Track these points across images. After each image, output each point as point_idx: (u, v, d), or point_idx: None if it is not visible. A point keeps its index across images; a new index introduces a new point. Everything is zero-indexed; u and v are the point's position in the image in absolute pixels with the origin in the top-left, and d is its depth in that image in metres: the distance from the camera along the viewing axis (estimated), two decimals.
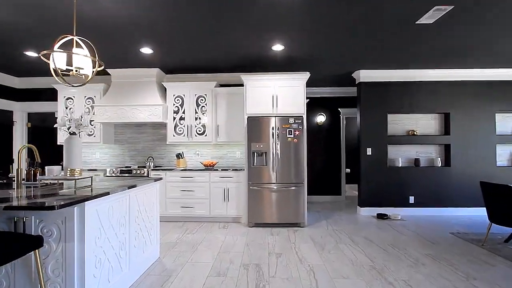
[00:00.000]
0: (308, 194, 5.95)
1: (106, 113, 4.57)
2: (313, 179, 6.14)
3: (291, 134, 4.16)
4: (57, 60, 2.16)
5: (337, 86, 6.03)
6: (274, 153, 4.15)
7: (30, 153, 5.45)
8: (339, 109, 6.22)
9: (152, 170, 4.46)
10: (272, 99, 4.29)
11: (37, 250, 1.61)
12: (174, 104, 4.75)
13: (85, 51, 2.28)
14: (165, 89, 4.87)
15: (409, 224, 4.22)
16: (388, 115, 5.01)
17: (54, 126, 2.33)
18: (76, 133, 2.29)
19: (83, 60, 2.23)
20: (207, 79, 5.01)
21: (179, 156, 4.85)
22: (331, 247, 3.25)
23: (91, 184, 2.37)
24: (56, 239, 1.75)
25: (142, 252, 2.63)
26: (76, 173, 2.20)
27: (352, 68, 4.69)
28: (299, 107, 4.27)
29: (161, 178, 3.03)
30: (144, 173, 4.48)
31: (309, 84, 5.64)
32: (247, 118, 4.21)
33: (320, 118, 6.19)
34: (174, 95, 4.75)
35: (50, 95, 5.18)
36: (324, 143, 6.23)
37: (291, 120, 4.17)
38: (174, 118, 4.75)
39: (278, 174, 4.14)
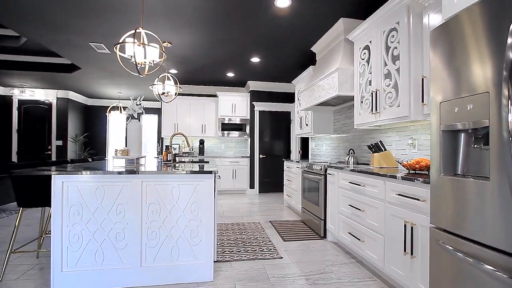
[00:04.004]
0: None
1: (303, 99, 4.01)
2: None
3: None
4: None
5: None
6: None
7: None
8: None
9: (330, 167, 3.10)
10: None
11: None
12: (360, 63, 2.90)
13: None
14: (353, 45, 3.12)
15: None
16: None
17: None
18: (135, 116, 2.44)
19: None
20: None
21: (373, 148, 2.86)
22: None
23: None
24: None
25: (168, 260, 2.07)
26: (124, 153, 2.36)
27: None
28: None
29: (211, 172, 2.11)
30: (320, 169, 3.26)
31: None
32: (434, 33, 1.38)
33: None
34: (360, 48, 2.90)
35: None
36: None
37: None
38: (360, 86, 2.89)
39: None
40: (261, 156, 6.30)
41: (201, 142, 6.50)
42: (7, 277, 2.15)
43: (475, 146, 1.23)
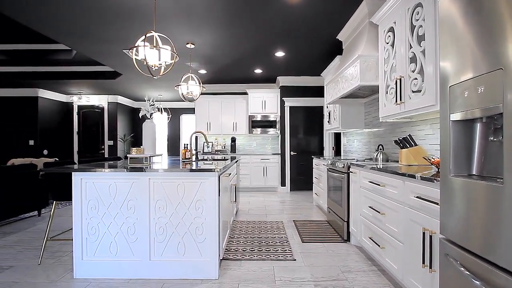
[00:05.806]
0: None
1: (329, 92, 3.75)
2: None
3: None
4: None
5: None
6: None
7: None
8: None
9: (353, 165, 2.83)
10: None
11: None
12: (384, 48, 2.57)
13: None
14: (378, 29, 2.77)
15: None
16: None
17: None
18: (148, 116, 2.56)
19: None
20: None
21: (401, 142, 2.54)
22: None
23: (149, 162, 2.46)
24: None
25: (175, 256, 2.12)
26: (139, 151, 2.49)
27: None
28: None
29: (213, 171, 2.08)
30: (342, 166, 3.00)
31: None
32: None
33: None
34: (384, 30, 2.58)
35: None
36: None
37: None
38: (385, 74, 2.57)
39: None
40: (292, 153, 6.13)
41: (233, 140, 6.59)
42: (46, 261, 2.45)
43: (493, 139, 0.97)
